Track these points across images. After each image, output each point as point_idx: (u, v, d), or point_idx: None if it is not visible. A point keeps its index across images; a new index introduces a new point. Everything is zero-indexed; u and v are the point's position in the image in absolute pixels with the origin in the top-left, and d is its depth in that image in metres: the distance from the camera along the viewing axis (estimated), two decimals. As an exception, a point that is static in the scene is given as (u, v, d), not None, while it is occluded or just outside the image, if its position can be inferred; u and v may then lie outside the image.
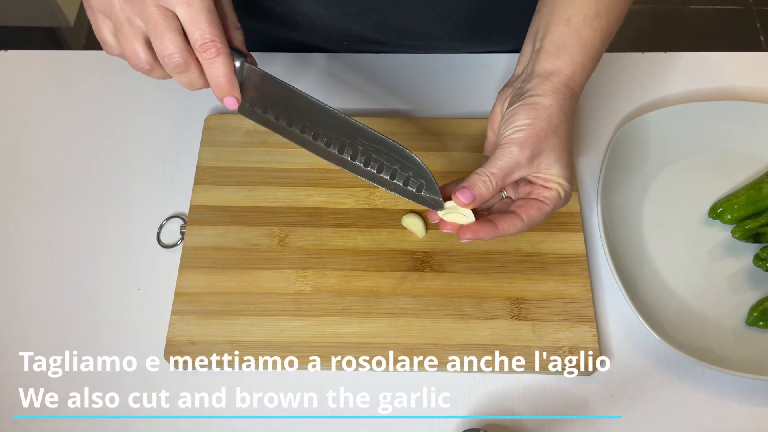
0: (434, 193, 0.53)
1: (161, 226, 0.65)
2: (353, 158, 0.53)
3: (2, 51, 0.76)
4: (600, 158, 0.68)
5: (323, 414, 0.57)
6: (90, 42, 1.83)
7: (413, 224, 0.63)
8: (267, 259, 0.62)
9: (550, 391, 0.58)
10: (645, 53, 0.76)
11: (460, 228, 0.53)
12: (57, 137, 0.71)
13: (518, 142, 0.51)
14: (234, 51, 0.51)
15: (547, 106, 0.52)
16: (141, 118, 0.72)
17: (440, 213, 0.53)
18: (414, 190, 0.53)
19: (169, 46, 0.48)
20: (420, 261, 0.62)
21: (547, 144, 0.52)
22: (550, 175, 0.52)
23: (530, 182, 0.54)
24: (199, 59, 0.49)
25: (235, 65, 0.51)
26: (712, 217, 0.65)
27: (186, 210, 0.65)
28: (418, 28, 0.72)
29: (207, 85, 0.51)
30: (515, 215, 0.52)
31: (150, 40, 0.49)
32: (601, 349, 0.59)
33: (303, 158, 0.67)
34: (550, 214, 0.53)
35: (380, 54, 0.76)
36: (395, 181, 0.53)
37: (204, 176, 0.66)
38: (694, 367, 0.59)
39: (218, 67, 0.49)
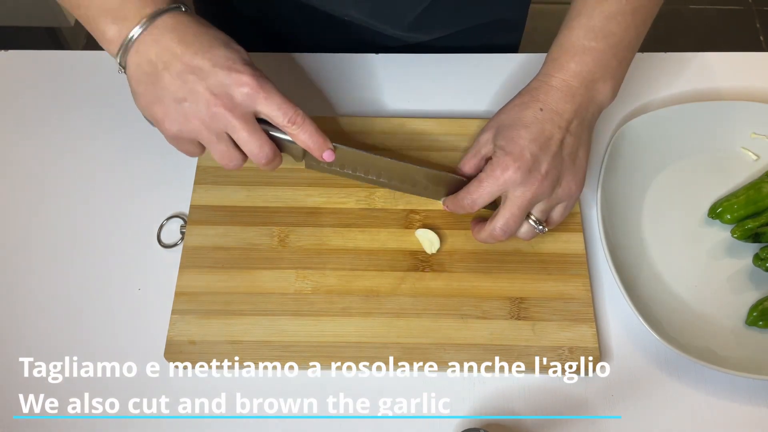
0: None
1: (161, 226, 0.65)
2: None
3: (2, 51, 0.76)
4: (600, 158, 0.68)
5: (324, 414, 0.57)
6: (90, 42, 1.83)
7: (427, 239, 0.63)
8: (267, 259, 0.62)
9: (550, 391, 0.58)
10: (645, 53, 0.76)
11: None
12: (57, 137, 0.71)
13: (483, 129, 0.59)
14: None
15: (513, 99, 0.58)
16: (141, 118, 0.71)
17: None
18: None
19: (259, 147, 0.54)
20: (420, 261, 0.62)
21: (501, 131, 0.56)
22: (494, 156, 0.56)
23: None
24: (289, 132, 0.55)
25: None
26: (712, 217, 0.65)
27: (186, 210, 0.66)
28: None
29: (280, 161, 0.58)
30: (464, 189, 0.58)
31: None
32: (601, 349, 0.59)
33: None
34: (486, 183, 0.55)
35: (380, 54, 0.76)
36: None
37: (204, 176, 0.66)
38: (694, 367, 0.59)
39: (308, 128, 0.55)
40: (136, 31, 0.52)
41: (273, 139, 0.56)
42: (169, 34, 0.52)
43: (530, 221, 0.57)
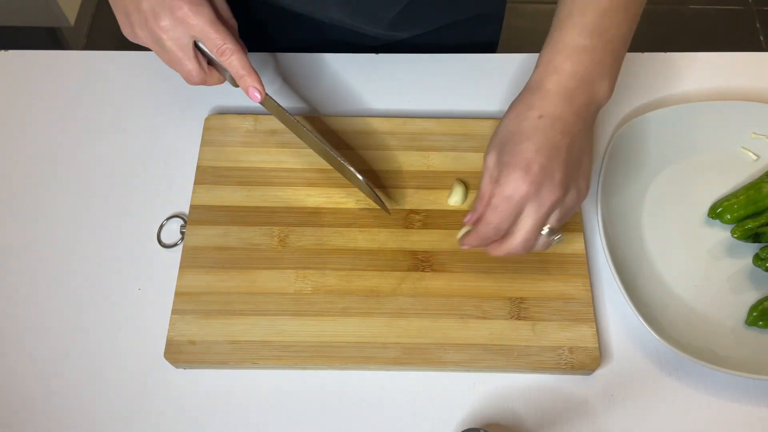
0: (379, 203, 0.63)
1: (161, 226, 0.65)
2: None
3: (2, 51, 0.76)
4: (600, 158, 0.68)
5: (323, 414, 0.57)
6: (90, 42, 1.83)
7: (457, 191, 0.64)
8: (267, 259, 0.62)
9: (550, 391, 0.58)
10: (645, 53, 0.76)
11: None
12: (57, 137, 0.71)
13: (486, 151, 0.56)
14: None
15: (508, 111, 0.55)
16: (141, 118, 0.72)
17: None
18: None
19: (186, 72, 0.59)
20: (420, 261, 0.62)
21: (504, 149, 0.54)
22: (501, 175, 0.53)
23: None
24: (220, 62, 0.59)
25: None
26: (712, 217, 0.65)
27: (186, 210, 0.66)
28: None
29: (222, 80, 0.62)
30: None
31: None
32: (601, 349, 0.59)
33: (303, 158, 0.67)
34: (502, 207, 0.52)
35: (380, 54, 0.76)
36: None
37: (204, 176, 0.66)
38: (694, 366, 0.59)
39: (235, 62, 0.58)
40: None
41: (210, 59, 0.60)
42: None
43: (544, 232, 0.55)
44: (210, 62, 0.60)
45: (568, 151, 0.53)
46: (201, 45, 0.58)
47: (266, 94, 0.60)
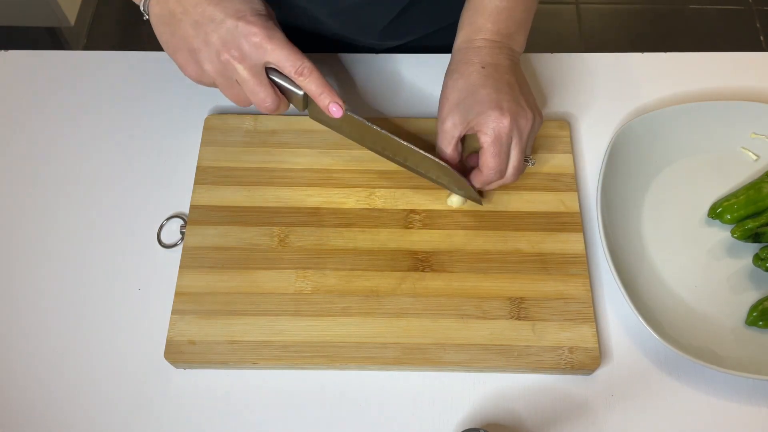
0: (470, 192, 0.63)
1: (161, 226, 0.65)
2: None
3: (2, 51, 0.76)
4: (600, 158, 0.68)
5: (324, 414, 0.57)
6: (90, 42, 1.83)
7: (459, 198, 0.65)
8: (267, 259, 0.62)
9: (550, 391, 0.58)
10: (645, 53, 0.76)
11: None
12: (57, 137, 0.71)
13: (441, 119, 0.61)
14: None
15: (448, 79, 0.61)
16: (141, 118, 0.72)
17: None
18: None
19: (262, 99, 0.58)
20: (420, 261, 0.62)
21: (465, 106, 0.59)
22: (479, 126, 0.59)
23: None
24: (297, 82, 0.58)
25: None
26: (712, 217, 0.65)
27: (186, 210, 0.66)
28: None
29: (288, 107, 0.61)
30: (476, 168, 0.61)
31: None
32: (601, 349, 0.59)
33: (303, 158, 0.67)
34: (498, 149, 0.59)
35: (380, 54, 0.76)
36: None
37: (204, 176, 0.66)
38: (694, 366, 0.59)
39: (314, 80, 0.57)
40: None
41: (280, 87, 0.59)
42: None
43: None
44: (280, 90, 0.59)
45: (518, 84, 0.61)
46: (272, 75, 0.58)
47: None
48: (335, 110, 0.58)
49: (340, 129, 0.65)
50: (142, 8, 0.58)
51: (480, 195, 0.64)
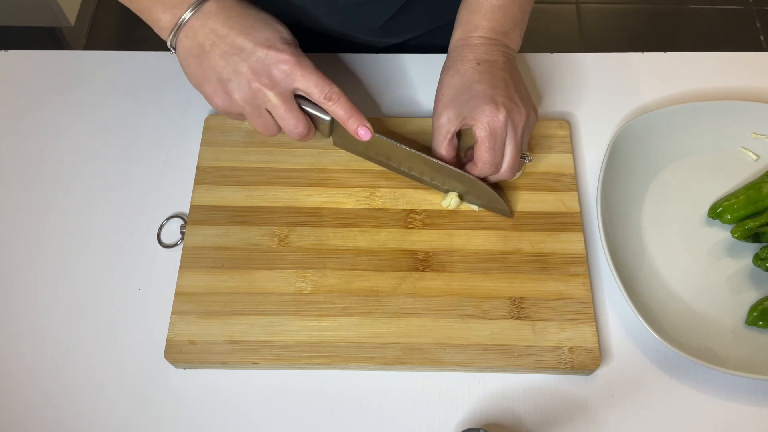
0: (499, 204, 0.63)
1: (161, 226, 0.65)
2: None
3: (2, 51, 0.76)
4: (600, 158, 0.68)
5: (324, 414, 0.57)
6: (90, 42, 1.83)
7: (452, 194, 0.64)
8: (267, 258, 0.62)
9: (550, 391, 0.58)
10: (645, 53, 0.76)
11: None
12: (57, 137, 0.71)
13: (437, 115, 0.62)
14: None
15: (444, 76, 0.62)
16: (141, 118, 0.72)
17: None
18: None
19: (294, 124, 0.59)
20: (420, 261, 0.62)
21: (460, 101, 0.60)
22: (474, 120, 0.59)
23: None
24: (326, 108, 0.59)
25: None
26: (712, 217, 0.65)
27: (186, 210, 0.66)
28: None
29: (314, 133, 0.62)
30: (471, 162, 0.62)
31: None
32: (601, 349, 0.59)
33: (303, 158, 0.67)
34: (492, 143, 0.59)
35: (380, 54, 0.76)
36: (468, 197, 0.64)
37: (204, 176, 0.66)
38: (694, 367, 0.59)
39: (344, 104, 0.59)
40: (186, 16, 0.57)
41: (308, 114, 0.60)
42: (215, 17, 0.57)
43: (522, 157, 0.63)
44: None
45: (513, 81, 0.61)
46: (300, 103, 0.59)
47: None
48: (363, 133, 0.59)
49: (366, 155, 0.66)
50: (169, 44, 0.59)
51: (509, 210, 0.64)
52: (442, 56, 0.75)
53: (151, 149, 0.70)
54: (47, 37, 1.79)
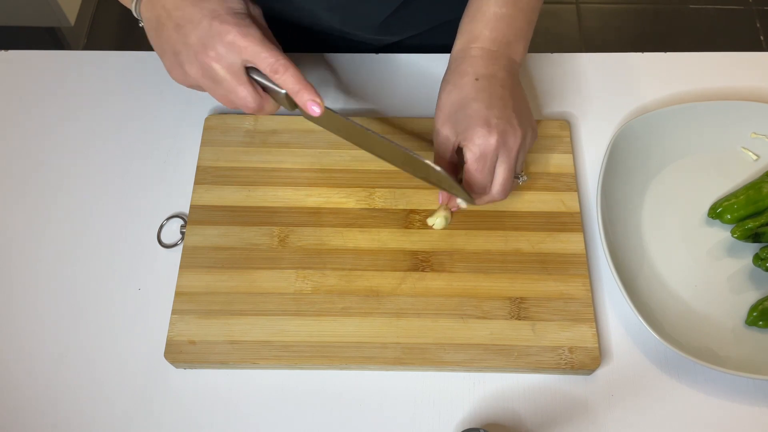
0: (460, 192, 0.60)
1: (161, 226, 0.65)
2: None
3: (2, 51, 0.76)
4: (600, 158, 0.68)
5: (324, 413, 0.57)
6: (90, 42, 1.83)
7: (439, 214, 0.63)
8: (267, 258, 0.62)
9: (550, 391, 0.58)
10: (645, 53, 0.76)
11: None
12: (57, 137, 0.71)
13: (436, 131, 0.60)
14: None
15: (442, 90, 0.60)
16: (141, 119, 0.72)
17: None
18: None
19: (243, 98, 0.56)
20: (420, 261, 0.62)
21: (456, 119, 0.58)
22: (465, 141, 0.58)
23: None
24: (274, 81, 0.56)
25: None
26: (712, 217, 0.65)
27: (186, 210, 0.66)
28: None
29: (277, 107, 0.59)
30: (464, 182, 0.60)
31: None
32: (601, 349, 0.59)
33: (303, 158, 0.67)
34: (482, 166, 0.57)
35: (380, 54, 0.76)
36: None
37: (204, 176, 0.66)
38: (694, 366, 0.59)
39: (290, 77, 0.55)
40: None
41: (263, 86, 0.57)
42: None
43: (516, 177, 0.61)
44: (264, 89, 0.58)
45: (512, 99, 0.59)
46: (254, 75, 0.56)
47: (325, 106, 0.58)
48: (314, 108, 0.56)
49: (329, 128, 0.63)
50: (135, 14, 0.58)
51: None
52: (441, 56, 0.75)
53: (151, 149, 0.70)
54: (47, 37, 1.79)
